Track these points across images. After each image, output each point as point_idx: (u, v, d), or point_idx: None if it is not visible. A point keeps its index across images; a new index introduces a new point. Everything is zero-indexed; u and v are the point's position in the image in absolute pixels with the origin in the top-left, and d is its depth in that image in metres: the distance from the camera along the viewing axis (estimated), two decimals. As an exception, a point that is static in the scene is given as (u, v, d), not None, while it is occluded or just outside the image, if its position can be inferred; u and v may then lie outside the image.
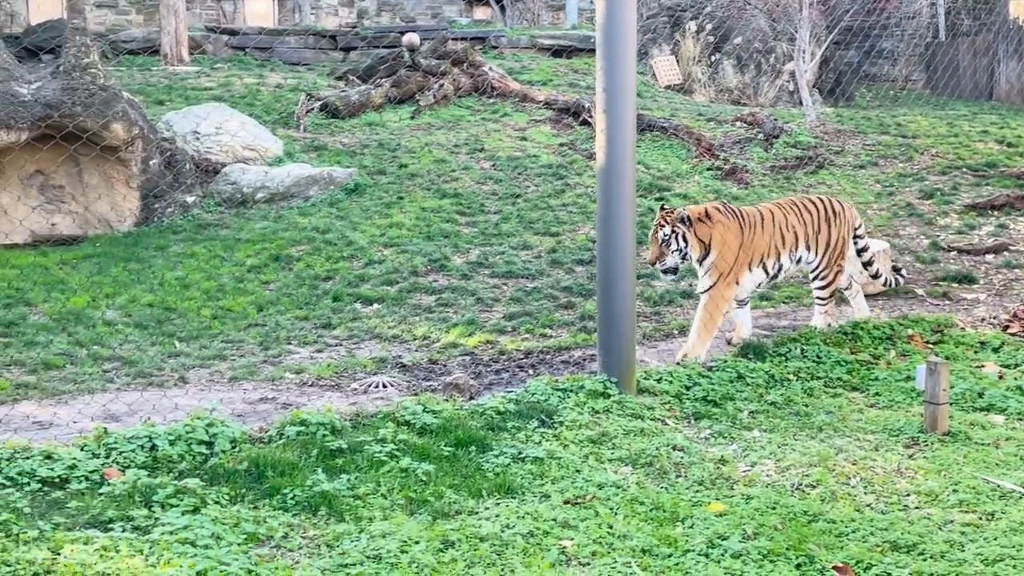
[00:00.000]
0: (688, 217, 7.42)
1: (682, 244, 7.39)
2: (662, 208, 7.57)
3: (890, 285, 8.83)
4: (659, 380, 6.74)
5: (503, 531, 4.51)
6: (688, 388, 6.71)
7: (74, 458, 5.14)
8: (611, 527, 4.59)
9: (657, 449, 5.59)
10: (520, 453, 5.51)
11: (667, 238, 7.40)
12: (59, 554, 4.19)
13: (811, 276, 8.16)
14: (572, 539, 4.47)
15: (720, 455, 5.59)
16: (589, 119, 14.25)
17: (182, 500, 4.75)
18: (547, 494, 5.02)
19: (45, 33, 16.92)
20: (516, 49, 19.12)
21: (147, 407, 6.23)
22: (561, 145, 13.91)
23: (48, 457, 5.13)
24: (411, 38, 16.23)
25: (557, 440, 5.74)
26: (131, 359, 7.41)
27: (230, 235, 11.00)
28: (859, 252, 8.39)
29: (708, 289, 7.50)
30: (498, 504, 4.91)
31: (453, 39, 17.06)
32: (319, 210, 11.66)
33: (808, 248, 7.95)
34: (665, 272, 7.55)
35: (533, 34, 20.00)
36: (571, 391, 6.39)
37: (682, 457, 5.54)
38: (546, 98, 15.55)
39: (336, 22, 23.75)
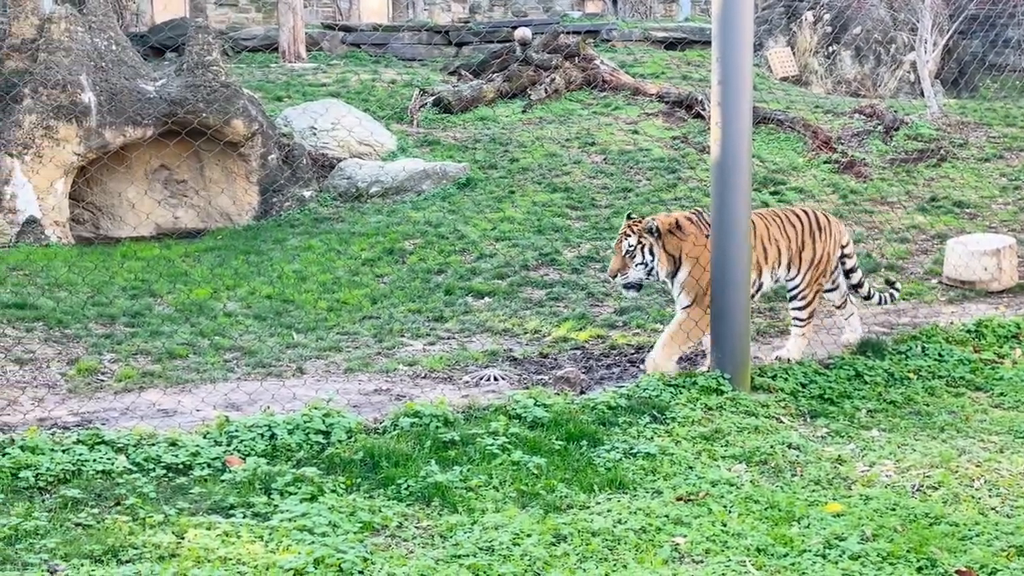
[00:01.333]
0: (656, 228, 6.70)
1: (648, 257, 6.68)
2: (628, 217, 6.87)
3: (884, 303, 7.86)
4: (774, 377, 6.64)
5: (615, 526, 4.50)
6: (804, 385, 6.59)
7: (197, 445, 5.30)
8: (725, 525, 4.54)
9: (772, 447, 5.51)
10: (632, 448, 5.48)
11: (631, 250, 6.69)
12: (183, 538, 4.33)
13: (789, 295, 7.31)
14: (685, 536, 4.43)
15: (837, 454, 5.48)
16: (702, 112, 14.09)
17: (300, 488, 4.86)
18: (659, 490, 4.99)
19: (169, 32, 17.45)
20: (628, 42, 19.01)
21: (266, 396, 6.38)
22: (673, 138, 13.78)
23: (173, 444, 5.30)
24: (523, 33, 16.27)
25: (669, 436, 5.70)
26: (251, 349, 7.60)
27: (345, 229, 11.19)
28: (847, 272, 7.50)
29: (686, 307, 6.77)
30: (609, 499, 4.89)
31: (565, 33, 17.04)
32: (431, 204, 11.78)
33: (789, 265, 7.15)
34: (627, 287, 6.83)
35: (646, 27, 19.86)
36: (683, 387, 6.33)
37: (798, 456, 5.44)
38: (658, 91, 15.43)
39: (449, 18, 23.95)
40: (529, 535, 4.38)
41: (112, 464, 5.09)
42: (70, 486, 4.88)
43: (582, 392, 6.52)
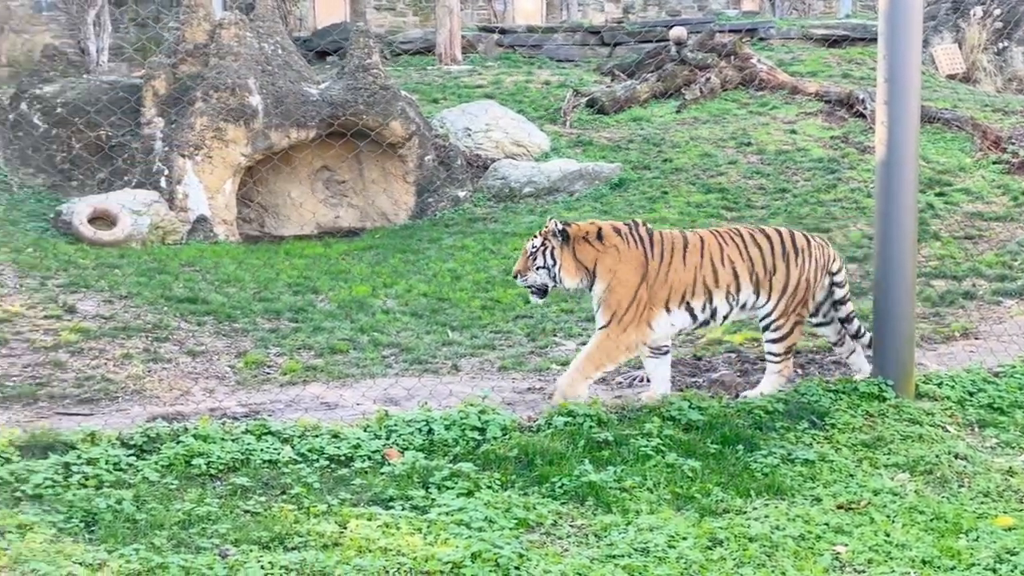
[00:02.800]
0: (564, 231, 6.22)
1: (548, 261, 6.22)
2: (550, 219, 6.39)
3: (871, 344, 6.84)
4: (939, 384, 6.41)
5: (773, 532, 4.43)
6: (971, 394, 6.35)
7: (358, 438, 5.45)
8: (888, 535, 4.42)
9: (937, 456, 5.33)
10: (789, 454, 5.39)
11: (534, 252, 6.27)
12: (345, 528, 4.46)
13: (762, 326, 6.56)
14: (846, 545, 4.33)
15: (1008, 466, 5.27)
16: (863, 111, 13.70)
17: (457, 483, 4.94)
18: (818, 497, 4.89)
19: (331, 36, 17.96)
20: (786, 40, 18.63)
21: (423, 392, 6.51)
22: (833, 138, 13.45)
23: (335, 436, 5.46)
24: (678, 32, 16.13)
25: (828, 442, 5.58)
26: (408, 346, 7.76)
27: (499, 228, 11.31)
28: (836, 304, 6.68)
29: (603, 327, 6.23)
30: (767, 504, 4.82)
31: (721, 32, 16.82)
32: (583, 205, 11.80)
33: (757, 291, 6.40)
34: (531, 290, 6.41)
35: (804, 24, 19.43)
36: (843, 393, 6.19)
37: (965, 466, 5.26)
38: (817, 90, 15.08)
39: (602, 18, 23.93)
40: (685, 538, 4.35)
41: (278, 454, 5.28)
42: (239, 474, 5.09)
43: (737, 396, 6.44)
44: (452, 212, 12.17)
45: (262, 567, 4.02)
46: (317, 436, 5.46)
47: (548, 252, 6.24)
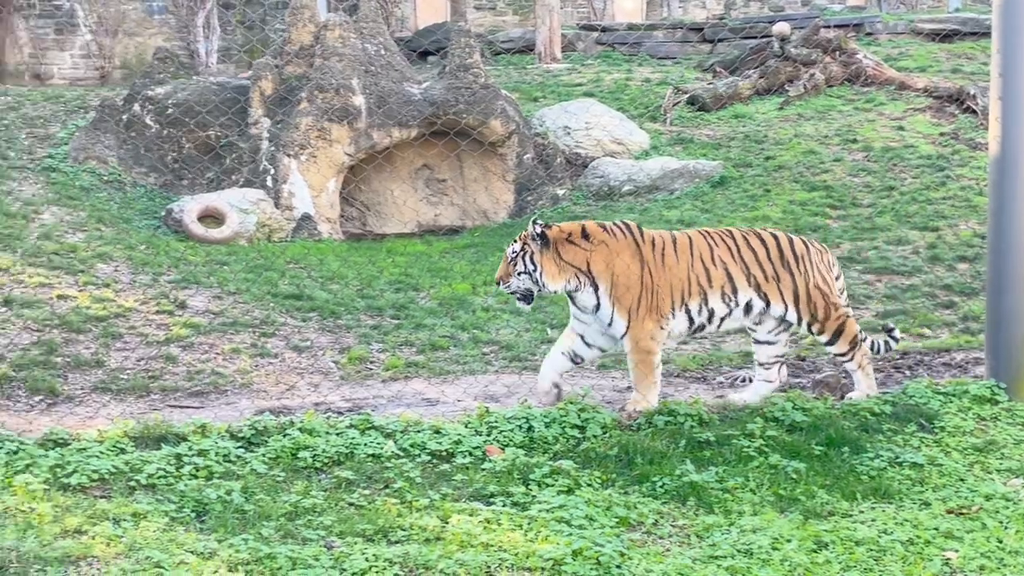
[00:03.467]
0: (543, 234, 5.96)
1: (530, 266, 5.95)
2: (534, 222, 6.08)
3: (878, 351, 6.61)
4: (1056, 388, 6.21)
5: (880, 536, 4.35)
6: (1089, 399, 6.13)
7: (459, 434, 5.50)
8: (1000, 541, 4.30)
9: (1053, 463, 5.16)
10: (897, 457, 5.27)
11: (514, 257, 6.02)
12: (447, 523, 4.50)
13: (813, 336, 6.33)
14: (956, 551, 4.22)
15: None
16: (974, 107, 13.33)
17: (557, 480, 4.95)
18: (927, 501, 4.78)
19: (431, 36, 18.13)
20: (893, 35, 18.21)
21: (523, 389, 6.54)
22: (942, 134, 13.10)
23: (437, 432, 5.52)
24: (781, 27, 15.87)
25: (938, 446, 5.44)
26: (508, 343, 7.80)
27: (598, 227, 11.27)
28: None
29: (624, 335, 5.98)
30: (873, 508, 4.73)
31: (825, 27, 16.50)
32: (684, 203, 11.71)
33: (765, 297, 6.11)
34: (515, 296, 6.17)
35: (912, 19, 18.97)
36: (953, 395, 6.03)
37: (1082, 473, 5.08)
38: (926, 85, 14.70)
39: (704, 15, 23.70)
40: (789, 540, 4.29)
41: (381, 448, 5.35)
42: (343, 467, 5.17)
43: (842, 397, 6.32)
44: (551, 210, 12.18)
45: (366, 559, 4.08)
46: (419, 431, 5.52)
47: (528, 257, 5.97)
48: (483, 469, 5.17)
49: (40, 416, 5.89)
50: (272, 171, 11.56)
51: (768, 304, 6.13)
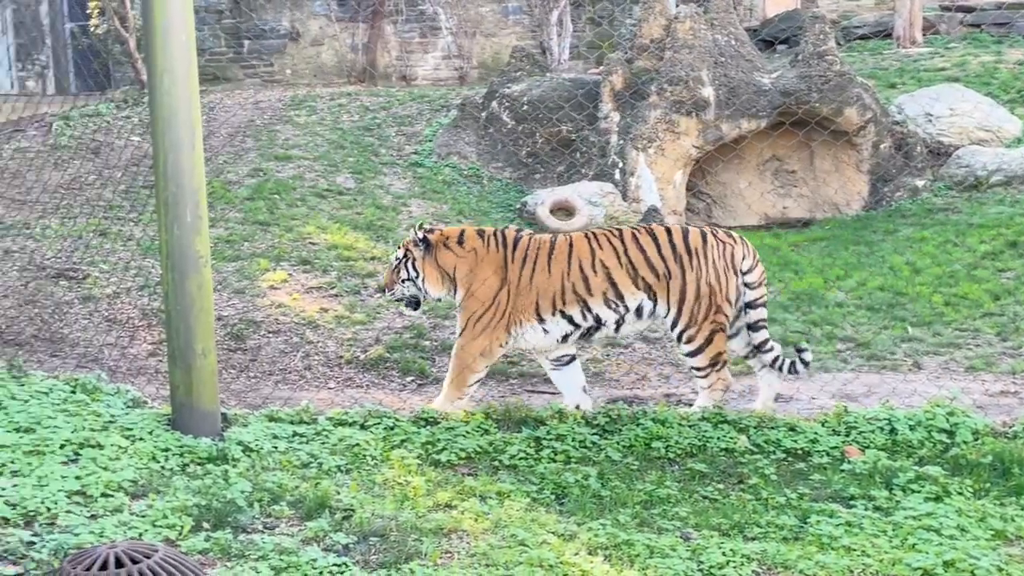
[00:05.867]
0: (426, 239, 5.91)
1: (412, 272, 5.95)
2: (417, 227, 6.02)
3: (781, 368, 5.96)
4: None
5: None
6: None
7: (816, 432, 5.36)
8: None
9: None
10: None
11: (397, 264, 6.02)
12: (805, 522, 4.41)
13: (675, 338, 5.92)
14: None
15: None
16: None
17: (923, 487, 4.72)
18: None
19: (781, 24, 17.70)
20: None
21: (884, 390, 6.26)
22: None
23: (792, 429, 5.41)
24: None
25: None
26: (863, 341, 7.50)
27: (961, 220, 10.59)
28: (748, 306, 5.93)
29: (458, 336, 5.91)
30: None
31: None
32: (1063, 194, 10.75)
33: (654, 297, 5.80)
34: (401, 304, 6.14)
35: None
36: None
37: None
38: None
39: (1085, -13, 21.55)
40: None
41: (734, 443, 5.32)
42: (696, 460, 5.19)
43: None
44: (909, 202, 11.56)
45: (723, 553, 4.06)
46: (773, 428, 5.44)
47: (411, 263, 5.98)
48: (842, 470, 5.02)
49: (411, 395, 6.31)
50: (620, 164, 11.74)
51: (656, 304, 5.87)
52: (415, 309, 6.21)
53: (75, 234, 9.54)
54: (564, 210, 11.16)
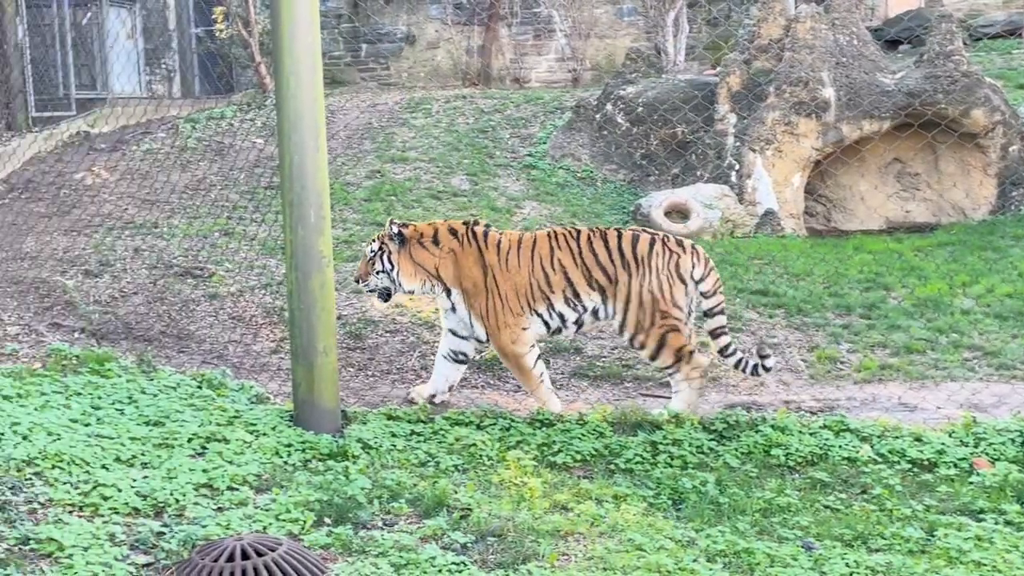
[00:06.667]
0: (400, 234, 6.09)
1: (387, 265, 6.12)
2: (391, 221, 6.18)
3: (745, 370, 6.04)
4: None
5: None
6: None
7: (942, 443, 5.21)
8: None
9: None
10: None
11: (372, 256, 6.17)
12: (932, 536, 4.28)
13: (628, 344, 6.07)
14: None
15: None
16: None
17: (1059, 502, 4.54)
18: None
19: (905, 23, 17.26)
20: None
21: (1015, 400, 6.05)
22: None
23: (917, 439, 5.27)
24: None
25: None
26: (992, 350, 7.25)
27: (1097, 225, 10.18)
28: (707, 314, 5.98)
29: (487, 338, 6.09)
30: None
31: None
32: None
33: (605, 299, 5.95)
34: (374, 294, 6.29)
35: None
36: None
37: None
38: None
39: None
40: None
41: (856, 452, 5.20)
42: (817, 468, 5.08)
43: None
44: (1037, 208, 11.16)
45: (846, 564, 3.98)
46: (897, 437, 5.30)
47: (386, 256, 6.13)
48: (970, 483, 4.86)
49: (526, 396, 6.32)
50: (736, 166, 11.59)
51: (606, 307, 5.98)
52: (386, 301, 6.35)
53: (201, 233, 9.83)
54: (678, 212, 11.07)
